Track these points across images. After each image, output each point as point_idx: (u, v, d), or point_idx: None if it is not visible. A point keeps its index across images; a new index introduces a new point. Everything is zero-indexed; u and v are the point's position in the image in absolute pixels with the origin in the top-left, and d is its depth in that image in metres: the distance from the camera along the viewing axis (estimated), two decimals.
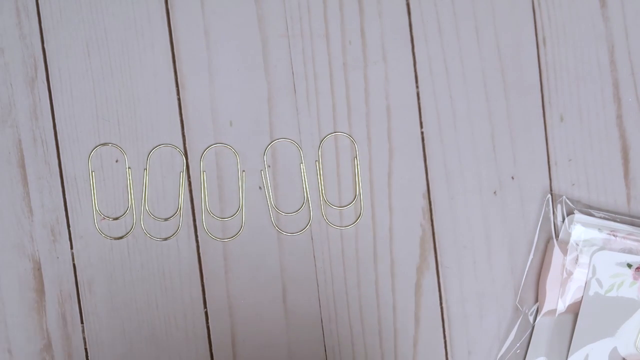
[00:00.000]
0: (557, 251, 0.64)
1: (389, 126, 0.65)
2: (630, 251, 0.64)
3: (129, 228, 0.64)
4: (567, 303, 0.64)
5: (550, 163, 0.66)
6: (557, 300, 0.64)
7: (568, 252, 0.64)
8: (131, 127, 0.64)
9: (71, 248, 0.64)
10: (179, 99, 0.64)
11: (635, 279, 0.63)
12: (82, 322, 0.64)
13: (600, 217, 0.65)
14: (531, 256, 0.65)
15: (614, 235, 0.64)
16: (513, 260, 0.65)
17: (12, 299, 0.64)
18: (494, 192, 0.65)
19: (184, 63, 0.64)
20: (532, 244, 0.65)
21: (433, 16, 0.65)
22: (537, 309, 0.65)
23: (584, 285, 0.64)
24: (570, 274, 0.64)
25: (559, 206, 0.65)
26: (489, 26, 0.65)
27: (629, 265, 0.63)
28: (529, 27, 0.66)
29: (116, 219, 0.64)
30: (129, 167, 0.64)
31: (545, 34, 0.66)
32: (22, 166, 0.63)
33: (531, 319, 0.65)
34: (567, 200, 0.65)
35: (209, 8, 0.64)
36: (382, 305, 0.65)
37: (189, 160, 0.64)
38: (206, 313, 0.65)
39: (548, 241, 0.65)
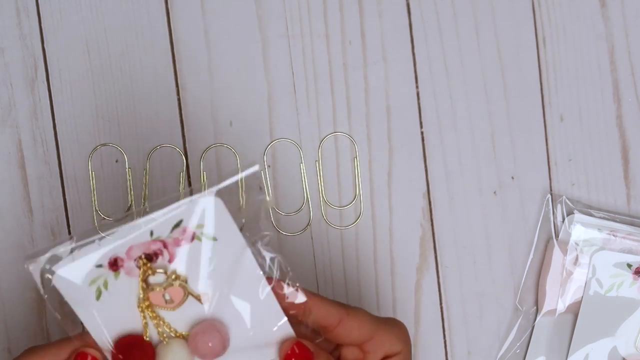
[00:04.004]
0: (557, 251, 0.64)
1: (389, 126, 0.65)
2: (630, 251, 0.64)
3: None
4: (567, 303, 0.64)
5: (550, 163, 0.66)
6: (557, 300, 0.64)
7: (568, 252, 0.64)
8: (131, 127, 0.64)
9: None
10: (179, 99, 0.64)
11: (635, 279, 0.63)
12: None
13: (600, 217, 0.65)
14: (531, 256, 0.65)
15: (613, 235, 0.64)
16: (513, 260, 0.65)
17: (12, 299, 0.64)
18: (494, 192, 0.65)
19: (184, 63, 0.64)
20: (532, 244, 0.65)
21: (433, 16, 0.65)
22: (537, 309, 0.65)
23: (583, 285, 0.64)
24: (570, 273, 0.64)
25: (559, 206, 0.65)
26: (489, 26, 0.65)
27: (629, 265, 0.63)
28: (529, 27, 0.66)
29: (116, 219, 0.64)
30: (129, 167, 0.64)
31: (545, 34, 0.66)
32: (22, 166, 0.63)
33: (531, 319, 0.65)
34: (567, 200, 0.65)
35: (209, 8, 0.64)
36: (382, 305, 0.65)
37: (189, 160, 0.64)
38: None
39: (548, 241, 0.65)
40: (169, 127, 0.64)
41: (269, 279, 0.47)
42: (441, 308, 0.65)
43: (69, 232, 0.64)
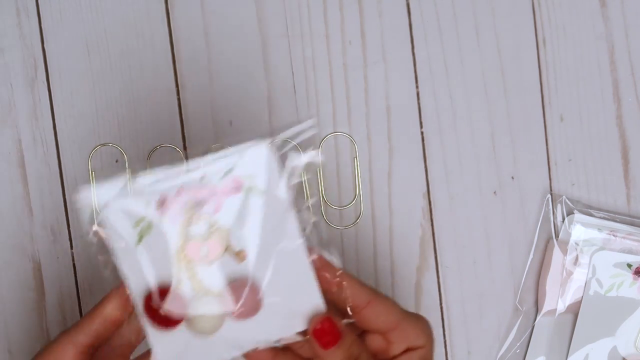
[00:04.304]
0: (557, 251, 0.64)
1: (389, 126, 0.65)
2: (630, 251, 0.64)
3: None
4: (567, 303, 0.64)
5: (550, 163, 0.66)
6: (557, 300, 0.64)
7: (568, 252, 0.64)
8: (131, 127, 0.64)
9: (71, 248, 0.64)
10: (179, 99, 0.64)
11: (635, 279, 0.63)
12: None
13: (600, 217, 0.65)
14: (531, 256, 0.65)
15: (613, 235, 0.64)
16: (513, 260, 0.65)
17: (12, 299, 0.64)
18: (494, 192, 0.65)
19: (184, 63, 0.64)
20: (532, 244, 0.65)
21: (433, 16, 0.65)
22: (537, 309, 0.65)
23: (584, 285, 0.64)
24: (570, 273, 0.64)
25: (559, 206, 0.65)
26: (489, 26, 0.65)
27: (629, 265, 0.63)
28: (529, 27, 0.66)
29: None
30: (129, 167, 0.64)
31: (545, 34, 0.66)
32: (22, 166, 0.63)
33: (531, 319, 0.65)
34: (567, 200, 0.65)
35: (208, 8, 0.64)
36: None
37: (189, 160, 0.64)
38: None
39: (548, 241, 0.65)
40: (169, 127, 0.64)
41: (309, 249, 0.47)
42: (441, 308, 0.65)
43: (69, 232, 0.64)
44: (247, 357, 0.49)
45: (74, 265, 0.64)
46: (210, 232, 0.47)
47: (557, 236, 0.65)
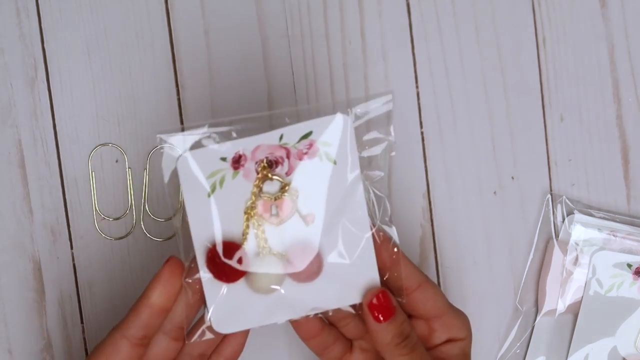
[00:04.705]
0: (557, 251, 0.64)
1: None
2: (630, 251, 0.64)
3: (129, 228, 0.64)
4: (567, 303, 0.64)
5: (550, 163, 0.66)
6: (557, 300, 0.64)
7: (568, 252, 0.64)
8: (131, 127, 0.64)
9: (71, 248, 0.64)
10: (179, 99, 0.64)
11: (635, 279, 0.63)
12: (82, 322, 0.64)
13: (600, 217, 0.65)
14: (531, 256, 0.65)
15: (613, 235, 0.64)
16: (513, 260, 0.65)
17: (12, 299, 0.63)
18: (494, 192, 0.65)
19: (184, 63, 0.64)
20: (532, 244, 0.65)
21: (433, 16, 0.65)
22: (537, 309, 0.65)
23: (584, 285, 0.64)
24: (570, 274, 0.64)
25: (559, 206, 0.65)
26: (489, 26, 0.65)
27: (629, 265, 0.63)
28: (529, 27, 0.66)
29: (116, 219, 0.64)
30: (129, 167, 0.64)
31: (545, 34, 0.66)
32: (22, 166, 0.63)
33: (531, 319, 0.65)
34: (567, 200, 0.65)
35: (209, 8, 0.64)
36: None
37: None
38: None
39: (548, 241, 0.65)
40: (169, 127, 0.64)
41: (371, 223, 0.48)
42: None
43: (69, 232, 0.64)
44: (295, 324, 0.50)
45: (74, 265, 0.64)
46: (281, 192, 0.47)
47: (557, 236, 0.65)
